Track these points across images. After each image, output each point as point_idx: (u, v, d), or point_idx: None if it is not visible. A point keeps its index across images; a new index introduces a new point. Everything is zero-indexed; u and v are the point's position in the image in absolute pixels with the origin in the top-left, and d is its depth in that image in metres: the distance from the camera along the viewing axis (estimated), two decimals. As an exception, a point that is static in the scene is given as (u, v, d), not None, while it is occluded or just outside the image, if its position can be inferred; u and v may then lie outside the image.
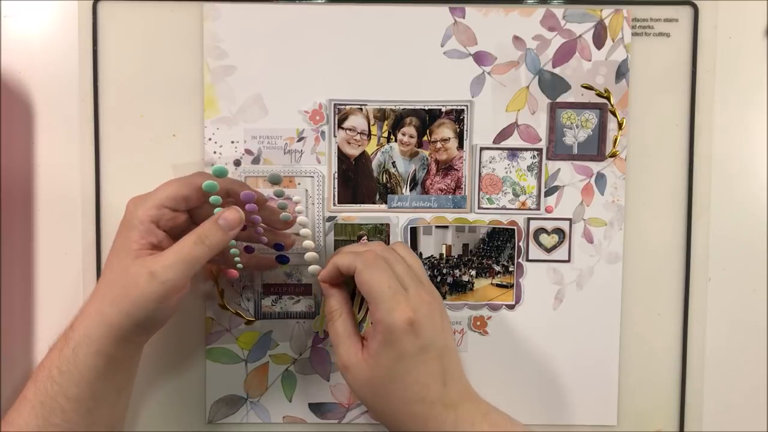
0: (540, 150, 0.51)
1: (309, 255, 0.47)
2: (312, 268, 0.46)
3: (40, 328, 0.50)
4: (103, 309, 0.40)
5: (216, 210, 0.43)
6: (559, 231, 0.51)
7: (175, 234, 0.43)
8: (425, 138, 0.51)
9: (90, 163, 0.50)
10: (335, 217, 0.51)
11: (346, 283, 0.45)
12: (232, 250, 0.46)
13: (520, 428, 0.42)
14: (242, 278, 0.51)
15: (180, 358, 0.51)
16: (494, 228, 0.51)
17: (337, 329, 0.43)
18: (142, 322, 0.40)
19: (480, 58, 0.50)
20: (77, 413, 0.40)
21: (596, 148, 0.51)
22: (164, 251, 0.41)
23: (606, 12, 0.50)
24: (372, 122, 0.51)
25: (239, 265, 0.47)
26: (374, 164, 0.51)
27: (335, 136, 0.50)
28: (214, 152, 0.50)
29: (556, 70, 0.50)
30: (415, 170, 0.51)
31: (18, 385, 0.41)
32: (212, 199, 0.43)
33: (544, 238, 0.51)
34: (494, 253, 0.51)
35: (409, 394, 0.40)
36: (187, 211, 0.44)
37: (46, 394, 0.40)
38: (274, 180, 0.44)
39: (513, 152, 0.51)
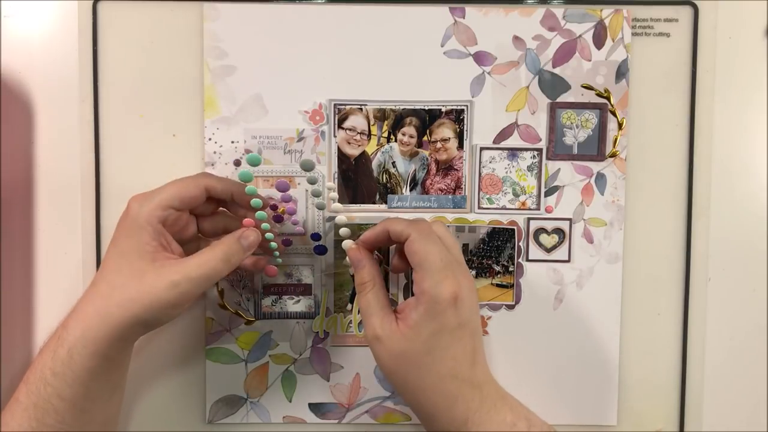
0: (540, 150, 0.51)
1: (344, 230, 0.47)
2: (346, 243, 0.46)
3: (40, 328, 0.50)
4: (108, 310, 0.39)
5: (258, 213, 0.44)
6: (559, 231, 0.51)
7: (176, 233, 0.43)
8: (425, 138, 0.51)
9: (90, 163, 0.50)
10: (335, 217, 0.51)
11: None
12: (272, 244, 0.46)
13: (532, 414, 0.42)
14: (242, 278, 0.51)
15: (180, 358, 0.51)
16: (494, 228, 0.51)
17: (370, 300, 0.43)
18: (148, 324, 0.41)
19: (480, 58, 0.50)
20: (71, 414, 0.40)
21: (596, 148, 0.51)
22: (186, 261, 0.41)
23: (606, 12, 0.50)
24: (372, 122, 0.51)
25: (279, 260, 0.48)
26: (374, 164, 0.51)
27: (335, 136, 0.50)
28: (214, 152, 0.50)
29: (556, 70, 0.50)
30: (415, 170, 0.51)
31: (17, 384, 0.41)
32: (253, 202, 0.43)
33: (544, 238, 0.51)
34: (494, 253, 0.51)
35: (444, 368, 0.40)
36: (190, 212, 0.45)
37: (39, 396, 0.39)
38: (307, 166, 0.43)
39: (513, 152, 0.51)
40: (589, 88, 0.51)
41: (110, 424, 0.44)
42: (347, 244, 0.45)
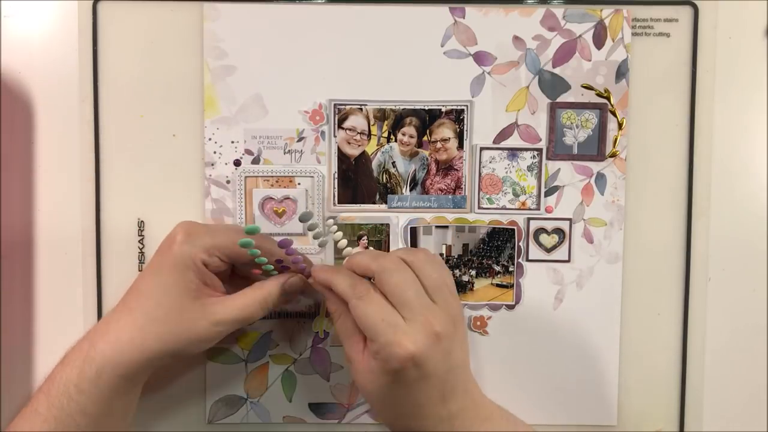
0: (540, 150, 0.51)
1: (347, 251, 0.47)
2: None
3: (40, 330, 0.50)
4: (144, 342, 0.40)
5: (265, 266, 0.44)
6: (559, 231, 0.51)
7: (217, 273, 0.44)
8: (425, 138, 0.51)
9: (90, 164, 0.50)
10: (335, 217, 0.51)
11: None
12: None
13: (523, 428, 0.42)
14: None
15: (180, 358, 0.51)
16: (494, 228, 0.51)
17: (339, 329, 0.43)
18: (182, 355, 0.42)
19: (480, 58, 0.50)
20: (92, 428, 0.40)
21: (596, 148, 0.51)
22: (228, 301, 0.42)
23: (606, 12, 0.50)
24: (372, 122, 0.51)
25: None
26: (374, 164, 0.51)
27: (335, 136, 0.50)
28: (214, 152, 0.50)
29: (556, 70, 0.50)
30: (415, 170, 0.51)
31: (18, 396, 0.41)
32: (266, 267, 0.44)
33: (544, 238, 0.51)
34: (494, 253, 0.51)
35: (404, 411, 0.40)
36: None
37: (62, 410, 0.40)
38: (305, 218, 0.44)
39: (513, 152, 0.51)
40: (589, 88, 0.51)
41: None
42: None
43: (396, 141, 0.51)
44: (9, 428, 0.41)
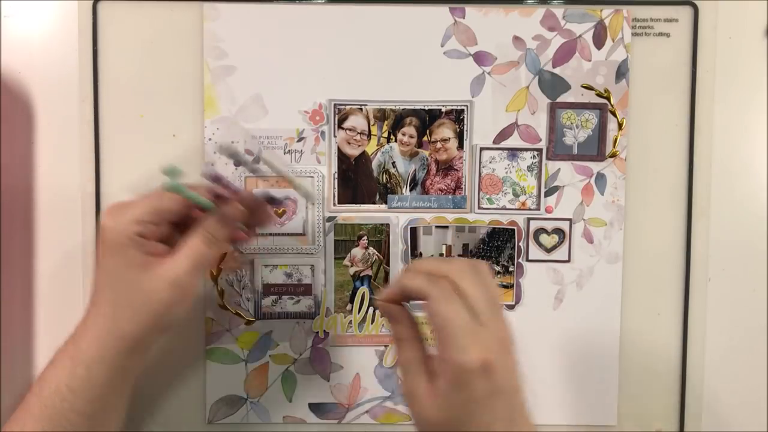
0: (540, 150, 0.51)
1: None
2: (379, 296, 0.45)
3: (40, 333, 0.50)
4: (119, 327, 0.40)
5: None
6: (559, 231, 0.51)
7: (161, 239, 0.42)
8: (425, 138, 0.51)
9: (90, 163, 0.50)
10: (335, 217, 0.51)
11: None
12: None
13: None
14: (242, 278, 0.51)
15: (180, 358, 0.51)
16: (494, 228, 0.51)
17: (402, 358, 0.39)
18: (161, 328, 0.41)
19: (480, 58, 0.50)
20: (86, 425, 0.40)
21: (596, 148, 0.51)
22: (174, 257, 0.41)
23: (606, 12, 0.50)
24: (372, 122, 0.51)
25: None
26: (374, 164, 0.51)
27: (335, 136, 0.50)
28: (214, 152, 0.50)
29: (556, 70, 0.50)
30: (415, 170, 0.51)
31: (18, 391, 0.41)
32: (205, 204, 0.42)
33: (544, 238, 0.51)
34: (494, 253, 0.51)
35: None
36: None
37: (55, 409, 0.40)
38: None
39: (513, 152, 0.51)
40: (589, 88, 0.51)
41: (118, 427, 0.44)
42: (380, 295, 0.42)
43: (396, 141, 0.51)
44: (4, 428, 0.41)
